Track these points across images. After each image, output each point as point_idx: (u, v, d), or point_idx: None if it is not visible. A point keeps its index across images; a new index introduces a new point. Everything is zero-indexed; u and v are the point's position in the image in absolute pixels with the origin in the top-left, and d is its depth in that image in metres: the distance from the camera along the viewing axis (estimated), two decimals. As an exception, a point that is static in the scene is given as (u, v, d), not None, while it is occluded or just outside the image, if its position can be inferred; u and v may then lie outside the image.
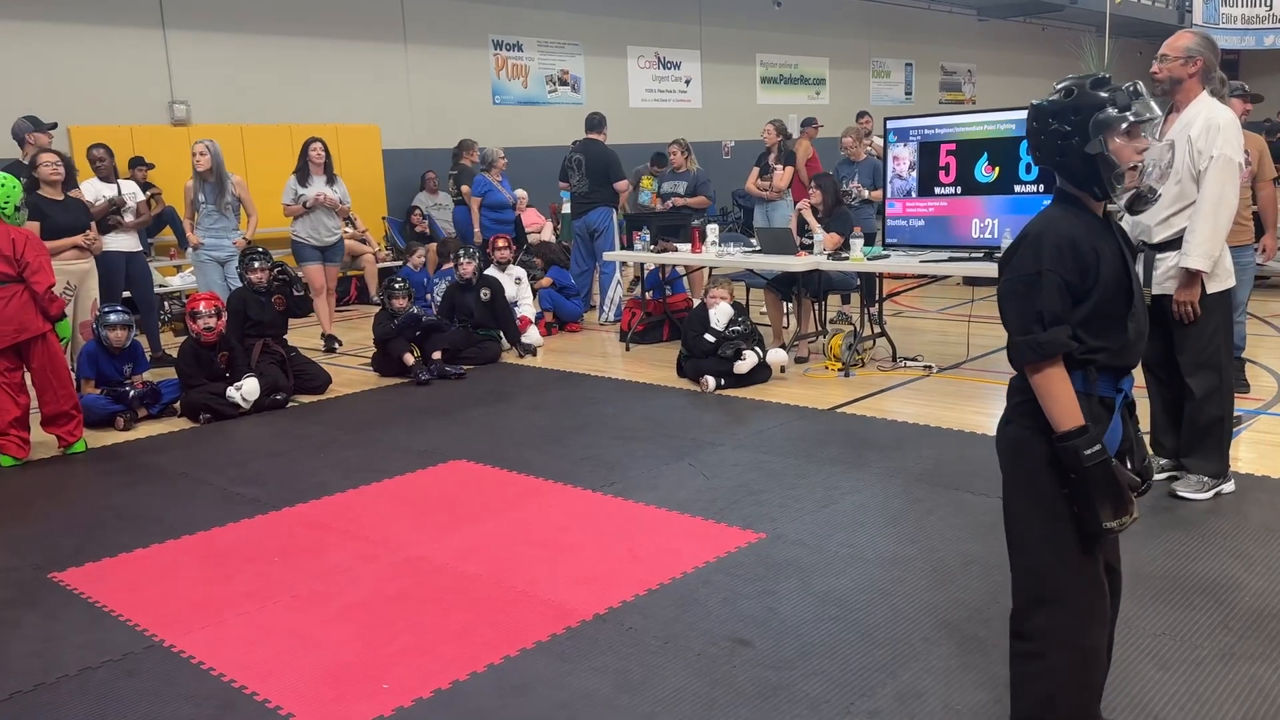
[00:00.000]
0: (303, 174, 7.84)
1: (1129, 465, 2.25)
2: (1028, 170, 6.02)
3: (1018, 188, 6.08)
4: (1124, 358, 2.20)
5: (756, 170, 9.23)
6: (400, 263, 10.47)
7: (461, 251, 7.93)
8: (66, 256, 6.22)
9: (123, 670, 3.06)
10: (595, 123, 9.10)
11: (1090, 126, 2.13)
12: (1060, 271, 2.11)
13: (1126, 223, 4.30)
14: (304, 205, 7.76)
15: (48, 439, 5.55)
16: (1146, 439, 4.45)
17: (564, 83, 14.15)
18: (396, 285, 7.24)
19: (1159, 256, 4.07)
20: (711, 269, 8.05)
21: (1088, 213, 2.20)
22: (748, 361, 6.35)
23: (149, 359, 6.87)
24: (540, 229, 11.65)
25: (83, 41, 9.70)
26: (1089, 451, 2.07)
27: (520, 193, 10.59)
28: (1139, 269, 4.14)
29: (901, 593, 3.36)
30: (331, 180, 7.90)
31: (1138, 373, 2.30)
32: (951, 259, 6.34)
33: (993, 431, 2.35)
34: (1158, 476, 4.30)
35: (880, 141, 9.23)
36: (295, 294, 6.88)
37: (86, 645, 3.20)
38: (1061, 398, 2.11)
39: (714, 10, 15.97)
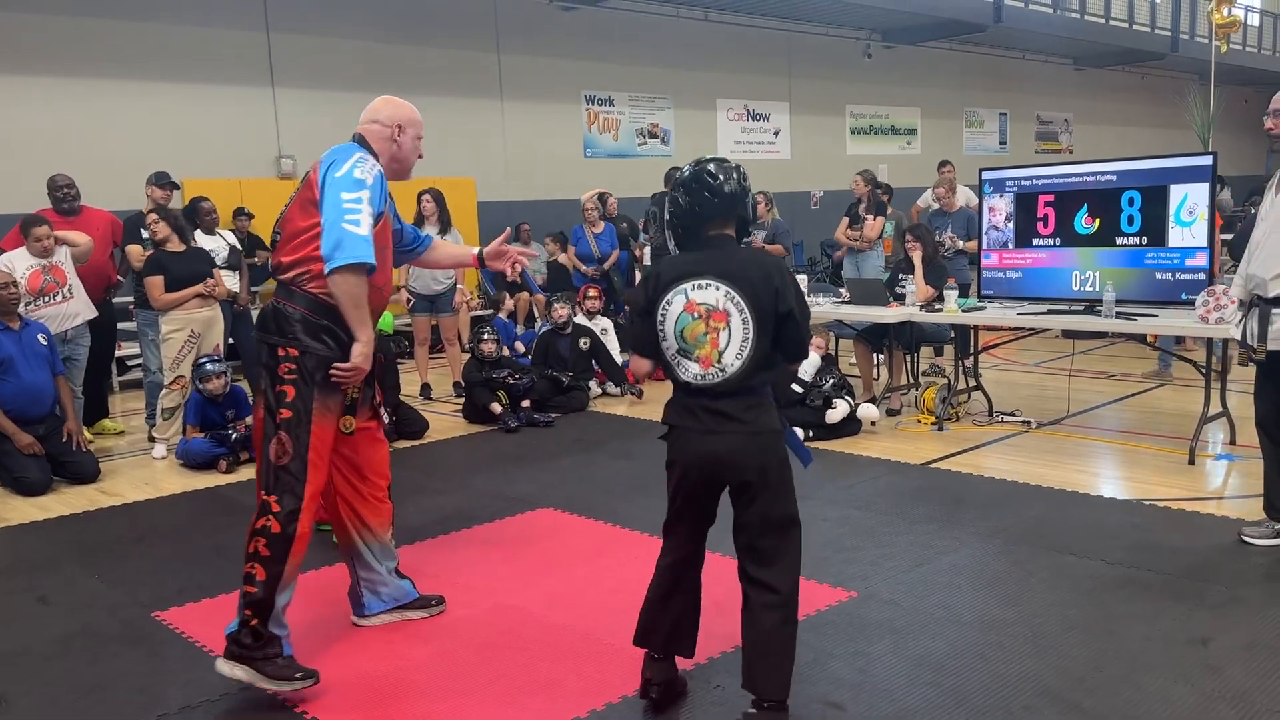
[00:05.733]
0: (418, 222, 8.05)
1: None
2: (1130, 222, 5.86)
3: (1119, 240, 5.92)
4: None
5: (846, 220, 9.19)
6: (491, 311, 10.68)
7: (555, 298, 8.06)
8: (190, 306, 6.49)
9: (221, 709, 3.13)
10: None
11: None
12: None
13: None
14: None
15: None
16: (1260, 501, 4.27)
17: (653, 135, 14.35)
18: (485, 334, 7.39)
19: (1275, 311, 3.91)
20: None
21: None
22: (839, 410, 6.27)
23: (251, 404, 7.07)
24: None
25: (198, 99, 10.22)
26: None
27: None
28: (1254, 324, 4.00)
29: (1000, 658, 3.25)
30: (445, 230, 8.05)
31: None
32: (1050, 312, 6.20)
33: (1096, 491, 2.26)
34: (1272, 542, 4.09)
35: (966, 190, 9.13)
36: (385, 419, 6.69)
37: (187, 683, 3.28)
38: None
39: (803, 63, 16.06)
